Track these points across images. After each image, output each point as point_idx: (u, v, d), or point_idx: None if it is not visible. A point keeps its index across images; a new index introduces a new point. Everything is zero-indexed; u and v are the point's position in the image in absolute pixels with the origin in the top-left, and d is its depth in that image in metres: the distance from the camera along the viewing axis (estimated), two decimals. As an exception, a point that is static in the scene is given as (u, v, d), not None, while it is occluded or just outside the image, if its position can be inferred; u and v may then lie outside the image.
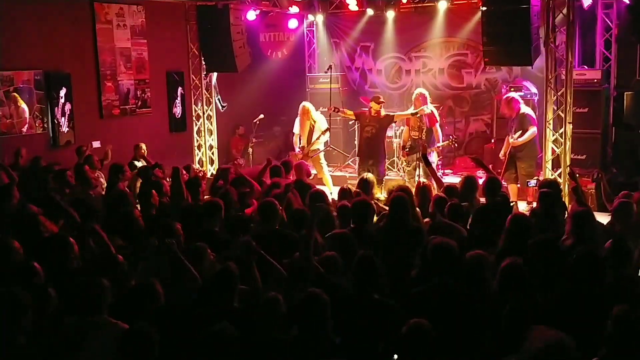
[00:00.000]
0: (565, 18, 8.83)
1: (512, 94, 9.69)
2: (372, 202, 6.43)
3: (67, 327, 4.02)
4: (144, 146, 9.76)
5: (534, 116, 9.46)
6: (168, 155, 10.08)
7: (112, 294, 4.19)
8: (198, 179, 7.58)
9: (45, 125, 9.87)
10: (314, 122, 10.37)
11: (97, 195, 7.53)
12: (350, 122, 11.67)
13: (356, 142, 11.20)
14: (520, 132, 9.15)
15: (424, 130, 9.74)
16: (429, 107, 9.83)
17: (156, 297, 4.24)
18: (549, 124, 9.22)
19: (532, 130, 9.18)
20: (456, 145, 10.61)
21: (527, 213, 6.56)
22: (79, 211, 5.80)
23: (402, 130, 11.11)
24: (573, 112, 9.02)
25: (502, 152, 9.56)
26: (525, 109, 9.43)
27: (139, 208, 6.55)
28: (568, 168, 8.51)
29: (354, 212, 5.81)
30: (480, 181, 6.97)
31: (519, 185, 9.41)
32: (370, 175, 7.32)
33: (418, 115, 9.64)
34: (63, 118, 10.05)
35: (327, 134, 10.45)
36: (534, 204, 8.76)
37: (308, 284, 4.30)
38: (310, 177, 8.37)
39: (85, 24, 10.40)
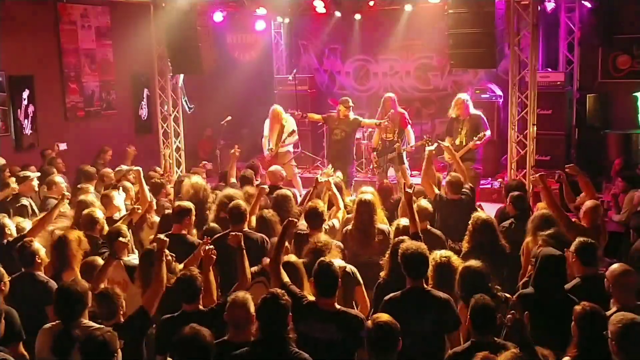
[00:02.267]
0: (529, 22, 8.95)
1: (465, 96, 9.48)
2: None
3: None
4: (110, 152, 9.63)
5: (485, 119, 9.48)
6: (133, 158, 9.98)
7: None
8: (162, 183, 7.55)
9: (8, 128, 9.69)
10: (284, 125, 10.35)
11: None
12: (319, 125, 11.68)
13: (325, 144, 11.23)
14: (480, 135, 9.10)
15: (396, 132, 9.78)
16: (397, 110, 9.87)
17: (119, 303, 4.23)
18: (514, 125, 9.33)
19: (488, 132, 9.18)
20: (430, 143, 10.63)
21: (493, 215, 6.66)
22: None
23: (370, 131, 11.15)
24: (537, 114, 9.13)
25: (450, 156, 8.51)
26: (476, 111, 9.40)
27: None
28: (533, 171, 8.58)
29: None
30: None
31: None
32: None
33: (381, 126, 9.60)
34: (26, 120, 9.88)
35: (295, 135, 10.43)
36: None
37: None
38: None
39: (49, 25, 10.24)
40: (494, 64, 9.18)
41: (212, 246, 4.85)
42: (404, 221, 5.62)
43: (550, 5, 10.38)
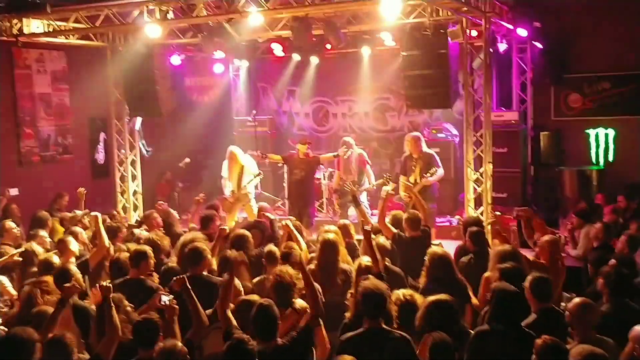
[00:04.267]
0: (482, 62, 9.15)
1: (415, 134, 9.73)
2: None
3: None
4: (66, 197, 9.43)
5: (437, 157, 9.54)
6: (90, 203, 9.78)
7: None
8: (118, 226, 7.43)
9: (-40, 174, 9.46)
10: (243, 165, 10.32)
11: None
12: (279, 165, 11.69)
13: (285, 185, 11.23)
14: (431, 171, 9.17)
15: (356, 172, 9.86)
16: (356, 151, 9.97)
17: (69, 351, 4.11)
18: (470, 163, 9.46)
19: (441, 170, 9.27)
20: (389, 182, 10.74)
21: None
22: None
23: (330, 172, 11.22)
24: (493, 152, 9.26)
25: (409, 193, 8.84)
26: (429, 150, 9.56)
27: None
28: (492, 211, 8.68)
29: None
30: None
31: None
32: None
33: (338, 156, 9.81)
34: (-21, 166, 9.67)
35: (259, 178, 10.42)
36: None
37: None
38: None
39: (4, 69, 10.13)
40: (449, 104, 9.32)
41: (171, 297, 4.75)
42: (365, 260, 5.61)
43: (502, 47, 10.66)
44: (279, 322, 4.36)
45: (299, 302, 4.83)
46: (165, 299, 4.67)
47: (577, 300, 4.47)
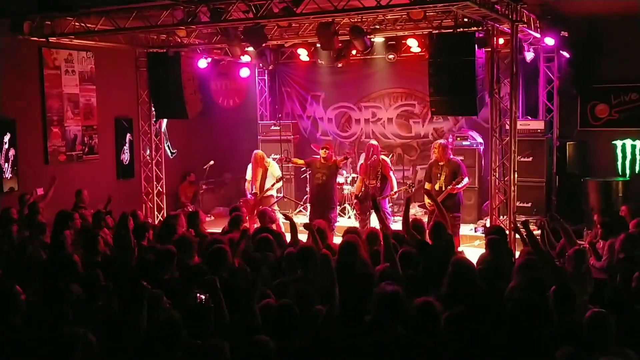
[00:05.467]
0: (509, 70, 9.11)
1: (443, 141, 9.69)
2: None
3: None
4: (85, 192, 9.51)
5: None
6: (115, 203, 9.89)
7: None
8: (146, 225, 7.47)
9: (-12, 172, 9.60)
10: (266, 169, 10.38)
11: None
12: (302, 169, 11.75)
13: (308, 189, 11.27)
14: (457, 179, 9.13)
15: (379, 178, 9.85)
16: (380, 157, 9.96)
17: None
18: (495, 172, 9.40)
19: (467, 179, 9.23)
20: (413, 190, 10.72)
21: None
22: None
23: (353, 177, 11.23)
24: (518, 161, 9.20)
25: (431, 201, 8.86)
26: (456, 158, 9.52)
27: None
28: (513, 223, 8.61)
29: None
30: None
31: None
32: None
33: (348, 159, 10.11)
34: (6, 164, 9.79)
35: (281, 182, 10.47)
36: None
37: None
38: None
39: (33, 69, 10.25)
40: (475, 112, 9.28)
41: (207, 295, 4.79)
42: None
43: (529, 55, 10.59)
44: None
45: None
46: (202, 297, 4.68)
47: (592, 310, 4.41)
